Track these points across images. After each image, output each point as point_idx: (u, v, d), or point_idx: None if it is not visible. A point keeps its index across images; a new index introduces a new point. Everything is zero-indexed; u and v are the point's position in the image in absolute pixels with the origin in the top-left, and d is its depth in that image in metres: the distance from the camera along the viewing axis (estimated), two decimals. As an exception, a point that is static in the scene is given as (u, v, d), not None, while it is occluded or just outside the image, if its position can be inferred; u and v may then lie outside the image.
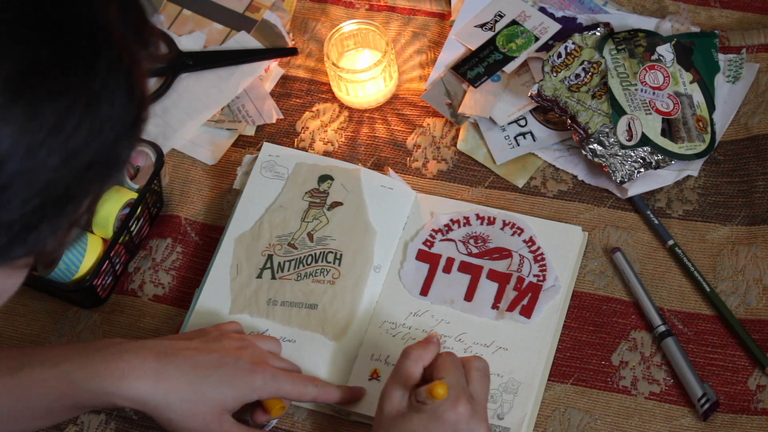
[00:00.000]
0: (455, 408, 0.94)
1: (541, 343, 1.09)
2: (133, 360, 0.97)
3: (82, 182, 0.62)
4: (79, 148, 0.61)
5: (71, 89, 0.60)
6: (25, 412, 0.98)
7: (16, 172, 0.59)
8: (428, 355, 0.99)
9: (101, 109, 0.61)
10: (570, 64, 1.20)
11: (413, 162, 1.22)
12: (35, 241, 0.63)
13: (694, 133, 1.18)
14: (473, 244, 1.14)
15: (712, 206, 1.16)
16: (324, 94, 1.27)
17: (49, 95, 0.59)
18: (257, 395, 1.01)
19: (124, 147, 0.65)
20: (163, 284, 1.17)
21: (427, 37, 1.30)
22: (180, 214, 1.20)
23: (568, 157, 1.20)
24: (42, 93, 0.59)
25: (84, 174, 0.62)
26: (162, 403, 0.97)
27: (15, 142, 0.58)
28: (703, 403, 1.04)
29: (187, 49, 1.29)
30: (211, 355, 1.00)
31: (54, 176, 0.60)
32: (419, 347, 1.00)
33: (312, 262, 1.13)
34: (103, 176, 0.64)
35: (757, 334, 1.08)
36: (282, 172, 1.19)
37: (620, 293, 1.12)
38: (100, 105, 0.61)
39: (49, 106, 0.59)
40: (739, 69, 1.22)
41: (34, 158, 0.59)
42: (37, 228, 0.62)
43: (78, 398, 0.97)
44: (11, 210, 0.60)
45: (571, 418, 1.06)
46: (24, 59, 0.58)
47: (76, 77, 0.60)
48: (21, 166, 0.59)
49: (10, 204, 0.60)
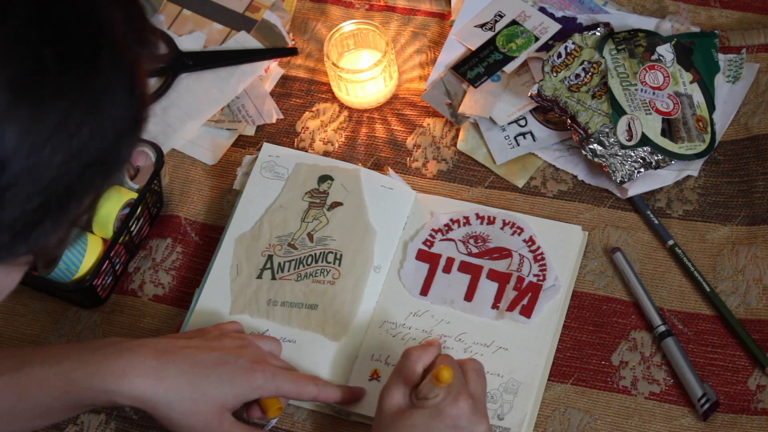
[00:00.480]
0: (456, 404, 0.95)
1: (541, 343, 1.09)
2: (134, 358, 0.97)
3: (84, 180, 0.63)
4: (81, 146, 0.61)
5: (74, 89, 0.61)
6: (26, 411, 0.98)
7: (20, 171, 0.60)
8: (429, 357, 1.00)
9: (103, 109, 0.62)
10: (570, 64, 1.20)
11: (413, 162, 1.22)
12: (37, 239, 0.63)
13: (694, 133, 1.18)
14: (473, 244, 1.14)
15: (712, 206, 1.16)
16: (324, 94, 1.27)
17: (53, 95, 0.60)
18: (257, 394, 1.01)
19: (126, 146, 0.65)
20: (163, 284, 1.17)
21: (427, 37, 1.30)
22: (180, 214, 1.20)
23: (568, 157, 1.20)
24: (45, 93, 0.60)
25: (86, 172, 0.63)
26: (162, 402, 0.97)
27: (19, 141, 0.59)
28: (703, 403, 1.04)
29: (187, 49, 1.29)
30: (211, 354, 1.00)
31: (57, 174, 0.61)
32: (420, 348, 1.01)
33: (312, 262, 1.13)
34: (105, 174, 0.65)
35: (757, 334, 1.08)
36: (282, 173, 1.19)
37: (620, 293, 1.12)
38: (102, 104, 0.62)
39: (52, 106, 0.60)
40: (739, 69, 1.22)
41: (38, 157, 0.60)
42: (39, 226, 0.62)
43: (78, 397, 0.97)
44: (14, 208, 0.61)
45: (571, 418, 1.06)
46: (28, 60, 0.59)
47: (79, 77, 0.61)
48: (24, 164, 0.60)
49: (13, 202, 0.60)
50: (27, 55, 0.59)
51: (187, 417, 0.98)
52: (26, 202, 0.61)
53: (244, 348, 1.02)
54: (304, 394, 1.03)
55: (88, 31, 0.61)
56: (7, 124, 0.58)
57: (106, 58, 0.62)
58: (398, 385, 0.98)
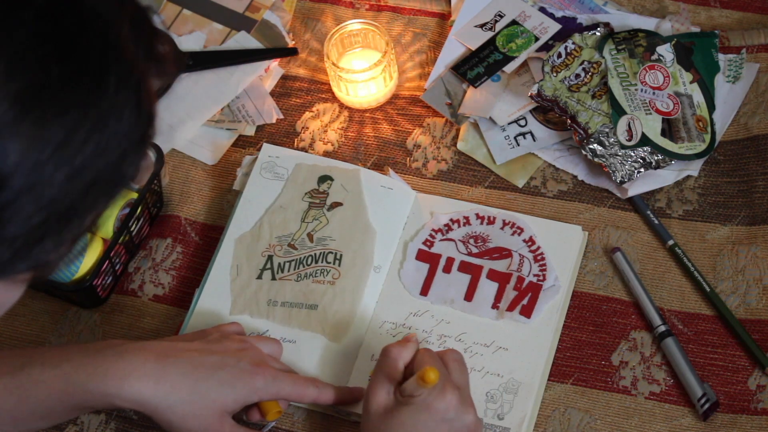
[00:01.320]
0: (443, 396, 0.95)
1: (541, 343, 1.09)
2: (134, 361, 0.97)
3: (87, 198, 0.63)
4: (85, 164, 0.61)
5: (79, 106, 0.60)
6: (26, 412, 0.98)
7: (22, 187, 0.59)
8: (408, 353, 1.00)
9: (108, 127, 0.61)
10: (570, 64, 1.20)
11: (413, 162, 1.22)
12: (37, 256, 0.63)
13: (694, 133, 1.18)
14: (473, 244, 1.14)
15: (712, 206, 1.16)
16: (324, 94, 1.27)
17: (58, 112, 0.59)
18: (258, 397, 1.01)
19: (130, 164, 0.65)
20: (163, 284, 1.17)
21: (427, 37, 1.30)
22: (180, 214, 1.20)
23: (568, 157, 1.20)
24: (51, 110, 0.59)
25: (89, 190, 0.62)
26: (162, 404, 0.97)
27: (22, 157, 0.58)
28: (703, 403, 1.04)
29: (187, 49, 1.29)
30: (212, 357, 1.00)
31: (59, 192, 0.60)
32: (399, 345, 1.01)
33: (312, 262, 1.13)
34: (108, 193, 0.64)
35: (757, 334, 1.08)
36: (282, 173, 1.19)
37: (620, 293, 1.12)
38: (107, 122, 0.61)
39: (56, 123, 0.59)
40: (739, 69, 1.22)
41: (41, 174, 0.59)
42: (40, 243, 0.62)
43: (79, 399, 0.97)
44: (16, 225, 0.60)
45: (571, 418, 1.06)
46: (35, 76, 0.58)
47: (85, 95, 0.60)
48: (27, 181, 0.59)
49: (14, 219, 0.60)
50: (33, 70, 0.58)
51: (188, 420, 0.98)
52: (27, 219, 0.60)
53: (244, 351, 1.02)
54: (304, 397, 1.03)
55: (96, 47, 0.61)
56: (10, 140, 0.58)
57: (114, 75, 0.61)
58: (382, 383, 0.98)
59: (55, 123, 0.59)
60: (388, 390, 0.98)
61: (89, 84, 0.60)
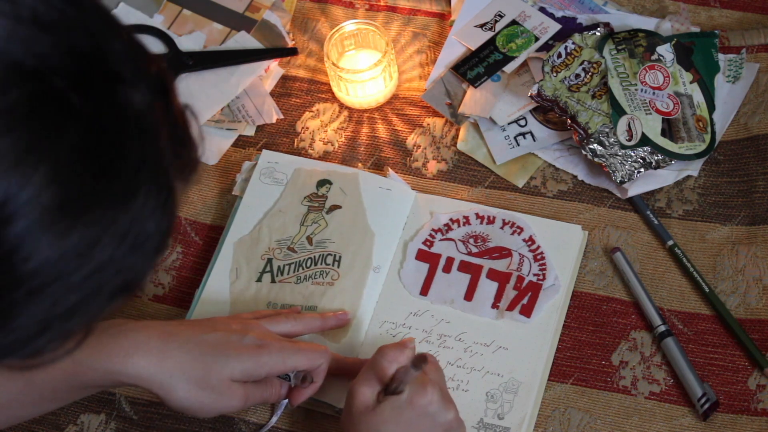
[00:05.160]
0: (425, 392, 0.95)
1: (541, 343, 1.09)
2: (138, 338, 0.97)
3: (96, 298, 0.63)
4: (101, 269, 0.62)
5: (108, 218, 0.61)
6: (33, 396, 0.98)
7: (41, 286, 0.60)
8: (403, 358, 0.99)
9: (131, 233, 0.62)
10: (570, 64, 1.20)
11: (413, 162, 1.22)
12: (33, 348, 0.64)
13: (694, 133, 1.18)
14: (473, 244, 1.14)
15: (712, 206, 1.16)
16: (324, 94, 1.27)
17: (87, 222, 0.60)
18: (265, 371, 1.01)
19: (146, 269, 0.66)
20: (163, 284, 1.17)
21: (427, 37, 1.30)
22: (180, 214, 1.20)
23: (568, 157, 1.20)
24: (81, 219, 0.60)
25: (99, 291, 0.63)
26: (166, 381, 0.97)
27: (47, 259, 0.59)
28: (703, 403, 1.04)
29: (187, 49, 1.29)
30: (215, 334, 1.00)
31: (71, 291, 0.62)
32: (396, 348, 1.00)
33: (311, 264, 1.13)
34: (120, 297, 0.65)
35: (758, 334, 1.08)
36: (281, 178, 1.19)
37: (620, 293, 1.12)
38: (130, 230, 0.62)
39: (83, 231, 0.60)
40: (739, 69, 1.22)
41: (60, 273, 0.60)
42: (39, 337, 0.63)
43: (84, 378, 0.97)
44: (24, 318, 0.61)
45: (571, 418, 1.06)
46: (72, 187, 0.59)
47: (115, 207, 0.61)
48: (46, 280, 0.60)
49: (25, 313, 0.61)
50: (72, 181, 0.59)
51: (195, 394, 0.97)
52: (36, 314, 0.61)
53: (249, 329, 1.02)
54: (314, 361, 1.03)
55: (133, 165, 0.61)
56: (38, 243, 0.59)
57: (144, 188, 0.62)
58: (370, 382, 0.98)
59: (82, 231, 0.60)
60: (373, 390, 0.97)
61: (121, 198, 0.61)
